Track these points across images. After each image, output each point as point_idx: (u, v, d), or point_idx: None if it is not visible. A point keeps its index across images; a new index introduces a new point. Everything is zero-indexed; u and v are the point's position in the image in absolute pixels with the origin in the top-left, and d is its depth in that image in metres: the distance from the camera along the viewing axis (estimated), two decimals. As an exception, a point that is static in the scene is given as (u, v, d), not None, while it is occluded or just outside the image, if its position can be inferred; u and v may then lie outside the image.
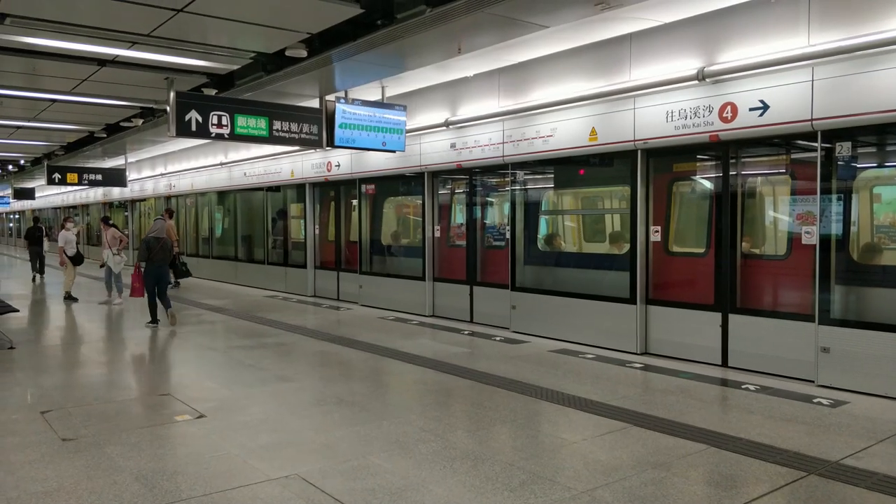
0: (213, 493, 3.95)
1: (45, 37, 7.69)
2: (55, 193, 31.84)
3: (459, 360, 7.59)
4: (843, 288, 6.32)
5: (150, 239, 10.05)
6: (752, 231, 7.33)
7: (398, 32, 7.06)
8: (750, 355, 6.93)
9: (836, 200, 6.26)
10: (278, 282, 15.20)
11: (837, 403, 5.74)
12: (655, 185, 7.87)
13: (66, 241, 13.62)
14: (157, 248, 9.95)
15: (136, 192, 23.04)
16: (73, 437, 4.97)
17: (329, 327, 10.06)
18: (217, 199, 18.60)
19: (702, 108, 7.08)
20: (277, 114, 8.72)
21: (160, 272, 10.02)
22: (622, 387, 6.41)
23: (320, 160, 13.45)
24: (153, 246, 9.94)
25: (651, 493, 3.94)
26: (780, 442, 4.78)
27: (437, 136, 10.52)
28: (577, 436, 5.01)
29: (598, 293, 8.35)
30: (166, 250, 10.14)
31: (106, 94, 10.95)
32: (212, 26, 7.33)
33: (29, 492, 3.99)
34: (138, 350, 8.68)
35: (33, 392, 6.37)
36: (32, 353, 8.30)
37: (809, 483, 4.08)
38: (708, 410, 5.63)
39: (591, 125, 8.19)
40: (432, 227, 11.07)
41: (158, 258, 9.96)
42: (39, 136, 16.27)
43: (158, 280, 9.99)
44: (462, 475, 4.22)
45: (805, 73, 6.27)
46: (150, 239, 10.06)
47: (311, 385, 6.65)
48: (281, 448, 4.75)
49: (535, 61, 8.69)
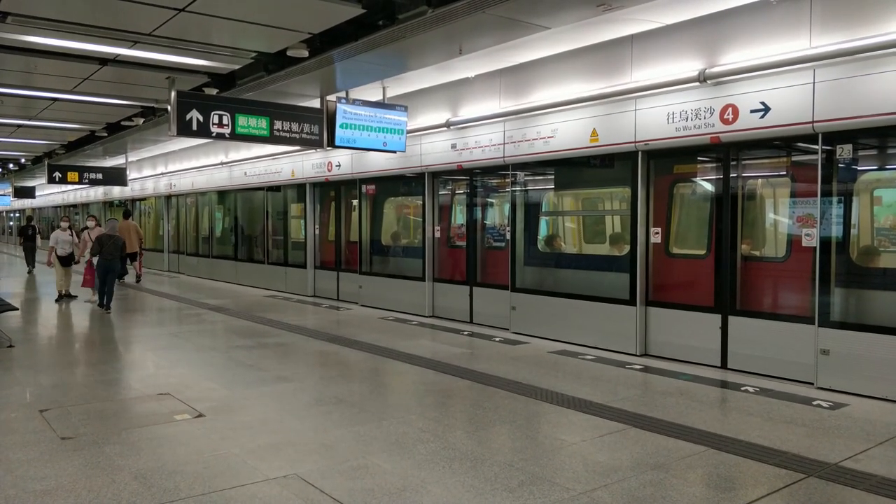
0: (212, 493, 3.94)
1: (46, 35, 7.70)
2: (55, 192, 31.85)
3: (459, 361, 7.59)
4: (843, 290, 6.31)
5: (103, 236, 11.47)
6: (752, 233, 7.33)
7: (399, 33, 7.06)
8: (749, 357, 6.93)
9: (837, 203, 6.25)
10: (278, 282, 15.20)
11: (837, 406, 5.74)
12: (656, 186, 7.87)
13: (57, 240, 13.14)
14: (108, 244, 11.34)
15: (137, 192, 23.05)
16: (71, 436, 4.97)
17: (329, 327, 10.06)
18: (217, 199, 18.60)
19: (703, 109, 7.08)
20: (278, 113, 8.73)
21: (109, 265, 11.39)
22: (622, 388, 6.41)
23: (321, 160, 13.45)
24: (105, 242, 11.36)
25: (650, 494, 3.94)
26: (780, 444, 4.78)
27: (437, 136, 10.52)
28: (577, 437, 5.01)
29: (598, 294, 8.34)
30: (116, 247, 11.51)
31: (107, 94, 10.96)
32: (213, 26, 7.34)
33: (27, 490, 3.99)
34: (138, 349, 8.68)
35: (32, 391, 6.37)
36: (31, 351, 8.29)
37: (808, 485, 4.07)
38: (707, 412, 5.63)
39: (592, 126, 8.19)
40: (432, 227, 11.07)
41: (109, 253, 11.32)
42: (40, 135, 16.28)
43: (107, 272, 11.35)
44: (461, 475, 4.22)
45: (806, 76, 6.27)
46: (102, 236, 11.48)
47: (310, 385, 6.65)
48: (280, 448, 4.75)
49: (537, 62, 8.70)
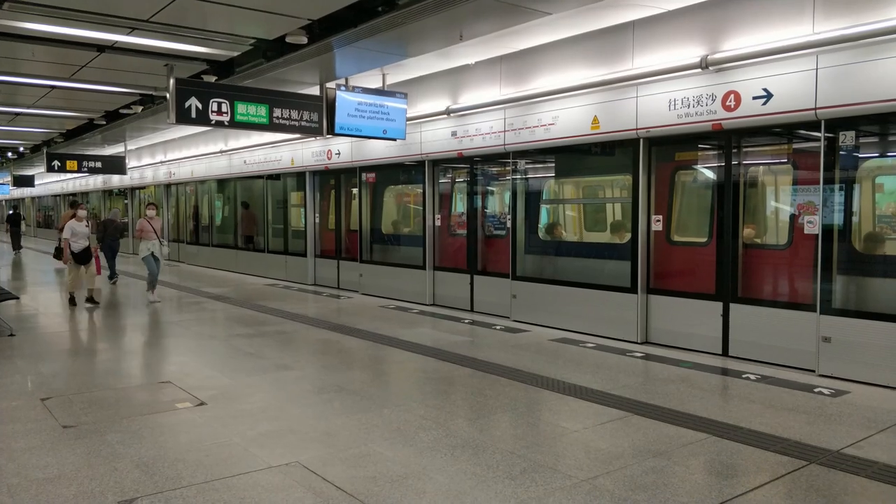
0: (214, 481, 3.95)
1: (43, 22, 7.62)
2: (54, 181, 31.77)
3: (460, 349, 7.59)
4: (844, 278, 6.30)
5: (107, 221, 14.84)
6: (753, 220, 7.30)
7: (399, 19, 7.00)
8: (751, 345, 6.93)
9: (839, 190, 6.23)
10: (279, 270, 15.18)
11: (838, 393, 5.74)
12: (657, 173, 7.84)
13: (73, 232, 10.72)
14: (111, 228, 14.56)
15: (136, 180, 22.99)
16: (73, 425, 4.97)
17: (329, 316, 10.06)
18: (217, 187, 18.55)
19: (705, 96, 7.04)
20: (277, 101, 8.67)
21: (114, 245, 14.57)
22: (623, 376, 6.41)
23: (320, 148, 13.40)
24: (108, 226, 14.57)
25: (652, 481, 3.94)
26: (781, 431, 4.79)
27: (438, 124, 10.47)
28: (578, 424, 5.01)
29: (599, 282, 8.34)
30: (117, 230, 14.78)
31: (105, 81, 10.88)
32: (211, 12, 7.27)
33: (30, 478, 4.00)
34: (139, 338, 8.68)
35: (33, 379, 6.37)
36: (33, 340, 8.29)
37: (810, 472, 4.08)
38: (709, 399, 5.64)
39: (594, 113, 8.15)
40: (433, 215, 11.04)
41: (111, 237, 14.47)
42: (39, 123, 16.20)
43: (112, 251, 14.52)
44: (463, 463, 4.22)
45: (809, 62, 6.23)
46: (106, 221, 14.85)
47: (311, 373, 6.65)
48: (282, 436, 4.76)
49: (538, 49, 8.64)
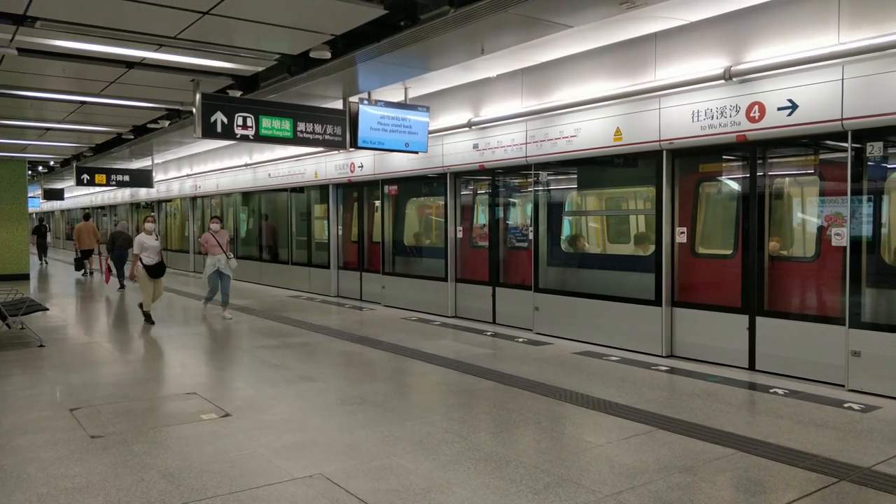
0: (239, 492, 3.98)
1: (74, 40, 7.81)
2: (82, 194, 32.34)
3: (482, 362, 7.58)
4: (874, 291, 6.19)
5: (115, 233, 16.09)
6: (779, 232, 7.22)
7: (421, 33, 7.06)
8: (778, 359, 6.82)
9: (867, 201, 6.14)
10: (302, 282, 15.29)
11: (868, 408, 5.63)
12: (681, 185, 7.79)
13: (143, 246, 10.22)
14: (120, 240, 15.63)
15: (163, 193, 23.33)
16: (101, 435, 5.04)
17: (352, 327, 10.10)
18: (242, 200, 18.76)
19: (728, 107, 6.99)
20: (301, 115, 8.78)
21: (122, 255, 15.60)
22: (647, 390, 6.35)
23: (343, 161, 13.51)
24: (117, 238, 15.75)
25: (677, 497, 3.90)
26: (810, 447, 4.70)
27: (459, 136, 10.51)
28: (602, 439, 4.97)
29: (623, 295, 8.28)
30: (126, 241, 15.54)
31: (133, 97, 11.08)
32: (237, 28, 7.39)
33: (59, 488, 4.06)
34: (164, 349, 8.79)
35: (62, 389, 6.47)
36: (61, 351, 8.43)
37: (841, 489, 4.00)
38: (735, 414, 5.56)
39: (616, 125, 8.13)
40: (455, 227, 11.06)
41: (120, 247, 15.53)
42: (69, 138, 16.52)
43: (120, 260, 15.62)
44: (486, 477, 4.20)
45: (835, 72, 6.16)
46: (115, 233, 16.12)
47: (335, 385, 6.68)
48: (305, 448, 4.78)
49: (559, 61, 8.65)
